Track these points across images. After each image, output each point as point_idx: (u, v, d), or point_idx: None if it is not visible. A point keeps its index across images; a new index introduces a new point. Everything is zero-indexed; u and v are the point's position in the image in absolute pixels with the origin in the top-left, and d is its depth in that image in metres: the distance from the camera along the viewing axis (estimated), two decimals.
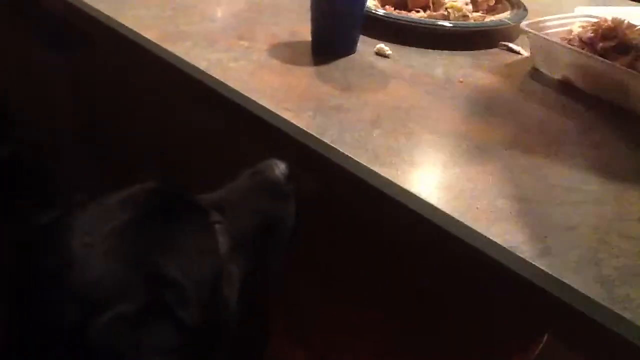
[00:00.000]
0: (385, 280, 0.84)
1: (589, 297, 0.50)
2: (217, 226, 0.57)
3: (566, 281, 0.51)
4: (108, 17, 0.93)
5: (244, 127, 0.77)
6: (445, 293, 0.81)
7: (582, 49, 0.82)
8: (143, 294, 0.48)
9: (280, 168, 0.66)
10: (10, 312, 0.49)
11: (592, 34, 0.82)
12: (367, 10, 0.91)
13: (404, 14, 0.98)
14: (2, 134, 1.92)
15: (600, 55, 0.80)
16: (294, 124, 0.69)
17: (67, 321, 0.46)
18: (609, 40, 0.81)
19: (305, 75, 0.82)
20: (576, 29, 0.87)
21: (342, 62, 0.86)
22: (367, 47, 0.90)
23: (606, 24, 0.83)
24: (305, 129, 0.69)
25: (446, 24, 0.95)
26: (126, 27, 0.90)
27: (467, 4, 1.00)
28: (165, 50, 0.85)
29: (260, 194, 0.64)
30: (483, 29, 0.97)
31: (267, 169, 0.66)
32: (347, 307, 0.81)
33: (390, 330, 0.78)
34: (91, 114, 1.39)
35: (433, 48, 0.92)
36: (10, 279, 0.50)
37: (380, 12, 0.97)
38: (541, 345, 0.74)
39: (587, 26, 0.85)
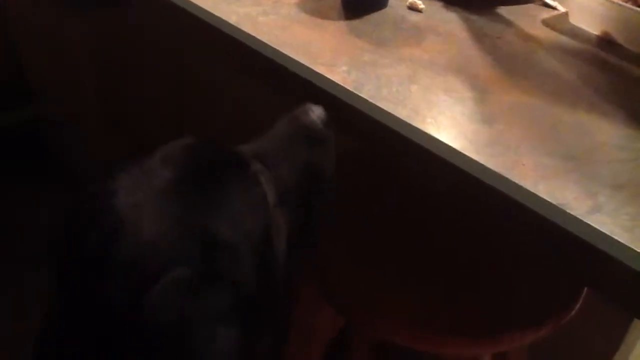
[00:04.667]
0: (422, 240, 0.83)
1: None
2: (261, 176, 0.54)
3: (618, 238, 0.50)
4: None
5: (277, 83, 0.75)
6: (486, 253, 0.80)
7: (625, 2, 0.79)
8: (196, 259, 0.45)
9: (316, 112, 0.63)
10: (60, 291, 0.47)
11: None
12: None
13: None
14: (19, 100, 1.90)
15: None
16: (331, 79, 0.67)
17: (119, 294, 0.44)
18: None
19: (336, 30, 0.79)
20: None
21: (373, 17, 0.83)
22: (398, 0, 0.87)
23: None
24: (342, 84, 0.67)
25: None
26: None
27: None
28: (192, 4, 0.82)
29: (298, 140, 0.61)
30: None
31: (303, 115, 0.63)
32: (380, 269, 0.80)
33: (424, 292, 0.78)
34: (112, 76, 1.37)
35: (467, 2, 0.89)
36: (58, 255, 0.48)
37: None
38: (578, 304, 0.74)
39: None
